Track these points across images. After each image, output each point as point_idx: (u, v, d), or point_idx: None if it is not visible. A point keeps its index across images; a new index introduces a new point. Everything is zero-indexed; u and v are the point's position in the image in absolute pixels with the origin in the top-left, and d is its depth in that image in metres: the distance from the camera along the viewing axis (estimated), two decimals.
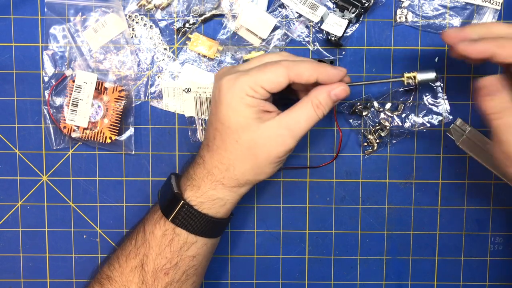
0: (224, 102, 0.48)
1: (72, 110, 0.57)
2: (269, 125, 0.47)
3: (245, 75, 0.47)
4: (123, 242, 0.53)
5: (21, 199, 0.60)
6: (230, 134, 0.48)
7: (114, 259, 0.52)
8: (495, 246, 0.61)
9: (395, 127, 0.58)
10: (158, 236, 0.50)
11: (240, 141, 0.48)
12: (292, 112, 0.48)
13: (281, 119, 0.48)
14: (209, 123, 0.50)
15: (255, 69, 0.48)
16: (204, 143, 0.51)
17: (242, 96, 0.47)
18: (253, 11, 0.56)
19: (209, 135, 0.50)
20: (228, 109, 0.47)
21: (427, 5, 0.57)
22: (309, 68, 0.47)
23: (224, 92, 0.48)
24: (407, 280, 0.61)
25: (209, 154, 0.50)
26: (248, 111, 0.47)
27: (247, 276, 0.61)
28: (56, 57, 0.58)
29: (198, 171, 0.50)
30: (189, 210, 0.50)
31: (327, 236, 0.61)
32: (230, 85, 0.47)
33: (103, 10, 0.57)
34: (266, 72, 0.47)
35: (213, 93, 0.50)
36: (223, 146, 0.48)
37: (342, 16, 0.56)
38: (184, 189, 0.51)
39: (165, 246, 0.50)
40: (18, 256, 0.61)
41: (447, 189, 0.60)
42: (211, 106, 0.50)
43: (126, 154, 0.60)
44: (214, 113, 0.49)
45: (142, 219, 0.54)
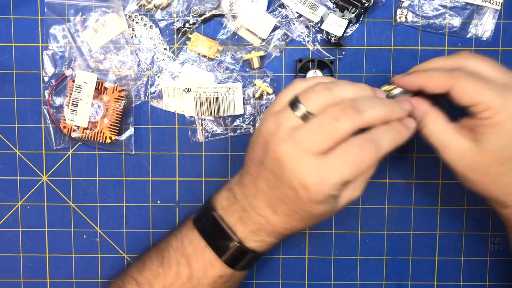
0: (314, 201, 0.44)
1: (72, 110, 0.57)
2: (346, 195, 0.46)
3: (336, 175, 0.43)
4: (154, 266, 0.50)
5: (21, 199, 0.60)
6: (313, 217, 0.46)
7: (145, 282, 0.50)
8: (495, 246, 0.61)
9: None
10: (211, 277, 0.49)
11: (320, 218, 0.47)
12: (364, 175, 0.46)
13: (355, 185, 0.46)
14: (280, 200, 0.46)
15: (343, 166, 0.43)
16: (268, 209, 0.47)
17: (335, 193, 0.44)
18: (253, 11, 0.56)
19: (280, 208, 0.46)
20: (317, 205, 0.44)
21: (427, 5, 0.57)
22: (394, 144, 0.45)
23: (314, 194, 0.43)
24: (407, 280, 0.61)
25: (281, 223, 0.47)
26: (335, 199, 0.45)
27: (247, 276, 0.61)
28: (56, 57, 0.58)
29: (263, 231, 0.48)
30: (254, 256, 0.49)
31: (327, 236, 0.61)
32: (320, 187, 0.43)
33: (103, 10, 0.57)
34: (359, 169, 0.43)
35: (288, 184, 0.44)
36: (302, 222, 0.47)
37: (342, 16, 0.56)
38: (244, 238, 0.48)
39: (219, 285, 0.50)
40: (18, 256, 0.61)
41: (447, 189, 0.60)
42: (281, 188, 0.45)
43: (126, 154, 0.60)
44: (293, 201, 0.45)
45: (177, 248, 0.50)
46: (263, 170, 0.46)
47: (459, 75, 0.46)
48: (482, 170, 0.47)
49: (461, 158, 0.47)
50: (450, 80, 0.46)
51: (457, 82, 0.46)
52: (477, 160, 0.46)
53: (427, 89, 0.48)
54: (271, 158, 0.45)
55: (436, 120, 0.48)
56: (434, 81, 0.47)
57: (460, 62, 0.48)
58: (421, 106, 0.48)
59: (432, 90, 0.47)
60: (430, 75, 0.48)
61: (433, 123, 0.48)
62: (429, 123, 0.48)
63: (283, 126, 0.44)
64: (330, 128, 0.43)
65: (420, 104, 0.48)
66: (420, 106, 0.48)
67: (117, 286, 0.52)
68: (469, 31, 0.58)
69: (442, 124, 0.48)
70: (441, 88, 0.47)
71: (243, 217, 0.48)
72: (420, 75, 0.48)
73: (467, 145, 0.46)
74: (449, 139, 0.47)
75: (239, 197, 0.49)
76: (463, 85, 0.46)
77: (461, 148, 0.46)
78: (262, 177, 0.46)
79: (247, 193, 0.48)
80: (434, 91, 0.47)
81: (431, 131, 0.48)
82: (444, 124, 0.48)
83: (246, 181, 0.48)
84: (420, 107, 0.48)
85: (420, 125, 0.48)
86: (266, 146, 0.45)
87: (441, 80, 0.47)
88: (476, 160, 0.46)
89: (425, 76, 0.48)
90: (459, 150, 0.47)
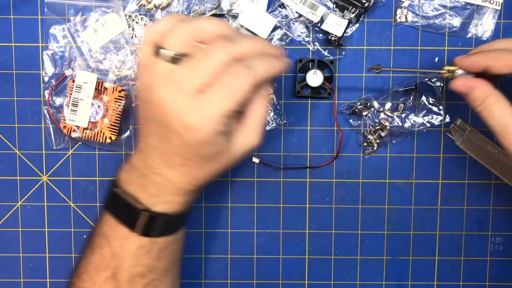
0: (199, 141, 0.43)
1: (72, 110, 0.57)
2: (241, 140, 0.46)
3: (213, 107, 0.42)
4: (88, 254, 0.50)
5: (21, 199, 0.60)
6: (207, 161, 0.45)
7: (82, 271, 0.50)
8: (495, 246, 0.61)
9: (395, 127, 0.58)
10: (131, 249, 0.48)
11: (218, 162, 0.46)
12: (254, 117, 0.46)
13: (248, 130, 0.46)
14: (172, 152, 0.45)
15: (219, 96, 0.42)
16: (163, 165, 0.46)
17: (218, 128, 0.43)
18: (253, 11, 0.56)
19: (174, 161, 0.45)
20: (205, 146, 0.44)
21: (427, 5, 0.57)
22: (270, 71, 0.44)
23: (197, 133, 0.42)
24: (407, 280, 0.61)
25: (180, 176, 0.46)
26: (222, 138, 0.44)
27: (247, 276, 0.61)
28: (56, 57, 0.58)
29: (165, 190, 0.47)
30: (166, 220, 0.48)
31: (327, 236, 0.61)
32: (200, 123, 0.42)
33: (103, 10, 0.57)
34: (236, 95, 0.42)
35: (172, 129, 0.43)
36: (199, 169, 0.46)
37: (342, 16, 0.56)
38: (150, 203, 0.47)
39: (142, 256, 0.48)
40: (18, 256, 0.61)
41: (447, 189, 0.60)
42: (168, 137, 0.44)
43: (126, 154, 0.60)
44: (181, 147, 0.44)
45: (98, 232, 0.49)
46: (151, 125, 0.45)
47: None
48: None
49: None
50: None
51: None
52: None
53: (493, 69, 0.47)
54: (154, 109, 0.44)
55: (498, 102, 0.47)
56: (501, 60, 0.47)
57: None
58: (485, 87, 0.48)
59: (498, 70, 0.47)
60: (497, 54, 0.47)
61: (495, 105, 0.47)
62: (491, 105, 0.47)
63: (156, 74, 0.43)
64: (204, 62, 0.42)
65: (482, 85, 0.48)
66: (484, 86, 0.48)
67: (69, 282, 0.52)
68: (469, 31, 0.58)
69: (504, 107, 0.47)
70: (508, 69, 0.46)
71: (143, 183, 0.47)
72: (487, 55, 0.47)
73: None
74: (511, 122, 0.46)
75: (136, 164, 0.48)
76: None
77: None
78: (151, 133, 0.45)
79: (143, 157, 0.47)
80: (501, 71, 0.47)
81: (493, 112, 0.47)
82: (507, 107, 0.47)
83: (140, 145, 0.47)
84: (483, 88, 0.48)
85: (480, 106, 0.48)
86: (148, 99, 0.44)
87: (508, 60, 0.46)
88: None
89: (492, 55, 0.47)
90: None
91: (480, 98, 0.48)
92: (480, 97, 0.48)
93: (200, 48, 0.43)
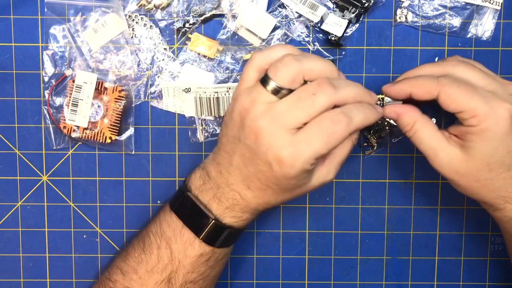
0: (287, 176, 0.45)
1: (72, 110, 0.57)
2: (320, 175, 0.48)
3: (309, 149, 0.44)
4: (137, 254, 0.51)
5: (21, 199, 0.60)
6: (285, 192, 0.47)
7: (129, 270, 0.51)
8: (495, 246, 0.61)
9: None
10: (191, 256, 0.50)
11: (294, 194, 0.48)
12: (337, 156, 0.48)
13: (329, 167, 0.48)
14: (254, 176, 0.47)
15: (317, 139, 0.44)
16: (241, 184, 0.48)
17: (308, 168, 0.45)
18: (253, 11, 0.56)
19: (254, 184, 0.47)
20: (290, 180, 0.46)
21: (427, 5, 0.57)
22: (366, 120, 0.46)
23: (288, 168, 0.44)
24: (407, 280, 0.61)
25: (254, 198, 0.48)
26: (307, 174, 0.46)
27: (247, 276, 0.61)
28: (56, 57, 0.58)
29: (237, 206, 0.49)
30: (231, 233, 0.50)
31: (327, 236, 0.61)
32: (293, 161, 0.44)
33: (103, 10, 0.57)
34: (332, 142, 0.44)
35: (264, 158, 0.45)
36: (274, 197, 0.48)
37: (342, 16, 0.56)
38: (220, 215, 0.49)
39: (200, 264, 0.50)
40: (18, 256, 0.61)
41: (447, 189, 0.60)
42: (256, 163, 0.46)
43: (126, 154, 0.60)
44: (266, 176, 0.46)
45: (157, 232, 0.51)
46: (238, 146, 0.46)
47: (446, 82, 0.46)
48: (472, 176, 0.47)
49: (451, 165, 0.47)
50: (437, 87, 0.47)
51: (444, 89, 0.46)
52: (466, 166, 0.47)
53: (415, 96, 0.48)
54: (247, 134, 0.45)
55: (425, 127, 0.48)
56: (422, 87, 0.48)
57: (448, 68, 0.49)
58: (411, 113, 0.49)
59: (420, 97, 0.48)
60: (417, 82, 0.48)
61: (423, 130, 0.48)
62: (419, 130, 0.48)
63: (258, 101, 0.45)
64: (307, 102, 0.44)
65: (410, 111, 0.49)
66: (410, 113, 0.49)
67: (104, 278, 0.53)
68: (469, 31, 0.58)
69: (431, 131, 0.48)
70: (429, 94, 0.47)
71: (217, 194, 0.49)
72: (408, 83, 0.49)
73: (456, 152, 0.47)
74: (438, 146, 0.47)
75: (213, 175, 0.49)
76: (449, 92, 0.46)
77: (450, 155, 0.47)
78: (237, 153, 0.47)
79: (221, 170, 0.49)
80: (422, 97, 0.48)
81: (421, 138, 0.48)
82: (433, 131, 0.48)
83: (220, 159, 0.49)
84: (410, 114, 0.49)
85: (409, 132, 0.49)
86: (242, 122, 0.46)
87: (428, 86, 0.47)
88: (465, 167, 0.47)
89: (413, 83, 0.48)
90: (448, 157, 0.47)
91: (409, 124, 0.48)
92: (408, 123, 0.48)
93: (304, 87, 0.45)
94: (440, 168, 0.48)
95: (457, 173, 0.48)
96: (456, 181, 0.48)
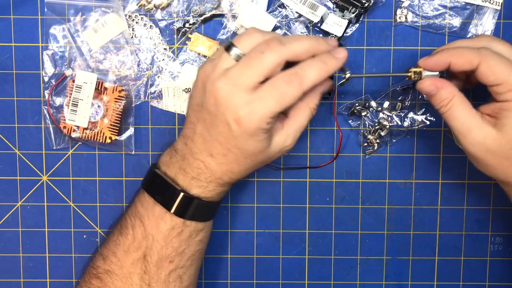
0: (245, 135, 0.47)
1: (72, 110, 0.57)
2: (279, 140, 0.49)
3: (264, 107, 0.45)
4: (115, 237, 0.53)
5: (21, 199, 0.60)
6: (246, 156, 0.49)
7: (109, 253, 0.52)
8: (495, 246, 0.61)
9: (394, 126, 0.58)
10: (164, 230, 0.51)
11: (254, 159, 0.49)
12: (296, 122, 0.50)
13: (288, 132, 0.49)
14: (215, 140, 0.48)
15: (270, 97, 0.46)
16: (204, 152, 0.49)
17: (264, 126, 0.46)
18: (253, 11, 0.56)
19: (216, 149, 0.49)
20: (248, 140, 0.47)
21: (427, 5, 0.57)
22: (319, 77, 0.47)
23: (245, 126, 0.46)
24: (407, 280, 0.61)
25: (217, 165, 0.49)
26: (265, 135, 0.48)
27: (247, 276, 0.61)
28: (56, 57, 0.58)
29: (202, 175, 0.50)
30: (199, 204, 0.51)
31: (327, 236, 0.61)
32: (250, 119, 0.46)
33: (103, 10, 0.57)
34: (285, 100, 0.46)
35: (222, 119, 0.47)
36: (236, 163, 0.49)
37: (342, 16, 0.56)
38: (186, 186, 0.50)
39: (173, 238, 0.51)
40: (18, 256, 0.61)
41: (447, 189, 0.60)
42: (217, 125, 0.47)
43: (126, 154, 0.60)
44: (226, 137, 0.47)
45: (132, 213, 0.52)
46: (201, 113, 0.48)
47: (487, 53, 0.47)
48: (504, 154, 0.47)
49: (483, 142, 0.47)
50: (478, 57, 0.47)
51: (486, 59, 0.47)
52: (498, 144, 0.47)
53: (455, 66, 0.48)
54: (207, 98, 0.47)
55: (461, 103, 0.48)
56: (462, 57, 0.48)
57: (484, 43, 0.49)
58: (450, 88, 0.48)
59: (460, 67, 0.48)
60: (457, 51, 0.48)
61: (459, 106, 0.48)
62: (455, 106, 0.48)
63: (218, 67, 0.47)
64: (256, 61, 0.46)
65: (449, 86, 0.49)
66: (449, 87, 0.48)
67: (89, 267, 0.54)
68: (469, 31, 0.58)
69: (467, 108, 0.48)
70: (469, 64, 0.47)
71: (182, 166, 0.50)
72: (448, 52, 0.49)
73: (489, 130, 0.47)
74: (473, 123, 0.47)
75: (179, 148, 0.51)
76: (491, 64, 0.46)
77: (484, 133, 0.47)
78: (200, 120, 0.49)
79: (186, 142, 0.50)
80: (462, 67, 0.48)
81: (456, 114, 0.48)
82: (469, 108, 0.48)
83: (186, 131, 0.51)
84: (449, 89, 0.48)
85: (445, 108, 0.48)
86: (203, 88, 0.48)
87: (469, 56, 0.47)
88: (497, 144, 0.47)
89: (453, 53, 0.48)
90: (481, 134, 0.47)
91: (446, 99, 0.48)
92: (446, 97, 0.48)
93: (254, 47, 0.47)
94: (471, 147, 0.48)
95: (487, 151, 0.47)
96: (485, 160, 0.48)
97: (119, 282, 0.51)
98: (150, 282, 0.51)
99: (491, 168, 0.49)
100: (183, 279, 0.53)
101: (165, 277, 0.51)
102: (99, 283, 0.52)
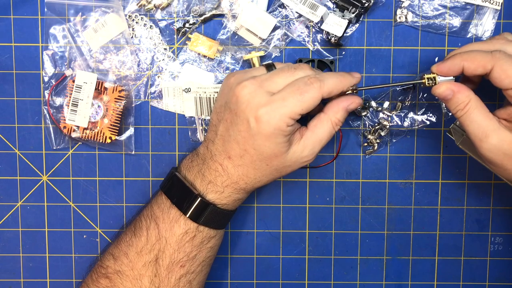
0: (263, 134, 0.47)
1: (72, 110, 0.57)
2: (296, 150, 0.50)
3: (284, 106, 0.47)
4: (128, 238, 0.53)
5: (21, 199, 0.60)
6: (262, 159, 0.49)
7: (121, 254, 0.52)
8: (495, 246, 0.61)
9: (394, 126, 0.58)
10: (177, 234, 0.51)
11: (270, 165, 0.50)
12: (315, 134, 0.50)
13: (306, 142, 0.50)
14: (234, 140, 0.49)
15: (290, 96, 0.47)
16: (223, 153, 0.50)
17: (283, 128, 0.47)
18: (253, 11, 0.56)
19: (234, 150, 0.50)
20: (265, 141, 0.48)
21: (427, 5, 0.57)
22: (337, 84, 0.49)
23: (264, 125, 0.47)
24: (407, 280, 0.61)
25: (234, 168, 0.50)
26: (283, 139, 0.48)
27: (247, 276, 0.61)
28: (56, 57, 0.58)
29: (219, 179, 0.51)
30: (214, 210, 0.51)
31: (327, 236, 0.61)
32: (269, 118, 0.47)
33: (103, 10, 0.57)
34: (305, 100, 0.47)
35: (242, 117, 0.48)
36: (252, 166, 0.50)
37: (342, 16, 0.56)
38: (203, 190, 0.51)
39: (186, 242, 0.51)
40: (18, 256, 0.61)
41: (447, 189, 0.60)
42: (236, 124, 0.49)
43: (126, 154, 0.60)
44: (244, 136, 0.48)
45: (147, 214, 0.53)
46: (223, 113, 0.50)
47: (501, 56, 0.46)
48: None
49: (500, 146, 0.47)
50: (491, 60, 0.46)
51: (499, 62, 0.46)
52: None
53: (468, 70, 0.48)
54: (231, 97, 0.49)
55: (478, 107, 0.48)
56: (475, 61, 0.47)
57: (497, 46, 0.48)
58: (467, 92, 0.48)
59: (472, 71, 0.47)
60: (470, 55, 0.48)
61: (476, 110, 0.48)
62: (471, 110, 0.48)
63: (249, 73, 0.50)
64: (288, 73, 0.49)
65: (465, 90, 0.48)
66: (466, 91, 0.48)
67: (97, 266, 0.54)
68: (469, 31, 0.58)
69: (484, 112, 0.48)
70: (482, 68, 0.47)
71: (202, 169, 0.51)
72: (460, 56, 0.48)
73: (506, 134, 0.47)
74: (490, 127, 0.47)
75: (201, 152, 0.52)
76: (505, 67, 0.46)
77: (501, 137, 0.47)
78: (222, 120, 0.50)
79: (208, 145, 0.52)
80: (474, 72, 0.47)
81: (473, 118, 0.48)
82: (486, 112, 0.48)
83: (208, 135, 0.52)
84: (465, 93, 0.48)
85: (461, 111, 0.48)
86: (230, 90, 0.50)
87: (482, 60, 0.47)
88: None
89: (466, 57, 0.48)
90: (499, 139, 0.47)
91: (463, 103, 0.48)
92: (463, 101, 0.48)
93: (287, 64, 0.51)
94: (488, 152, 0.47)
95: (505, 155, 0.47)
96: (503, 165, 0.48)
97: (128, 283, 0.51)
98: (160, 285, 0.51)
99: (509, 172, 0.48)
100: (193, 284, 0.53)
101: (175, 282, 0.51)
102: (108, 282, 0.52)
